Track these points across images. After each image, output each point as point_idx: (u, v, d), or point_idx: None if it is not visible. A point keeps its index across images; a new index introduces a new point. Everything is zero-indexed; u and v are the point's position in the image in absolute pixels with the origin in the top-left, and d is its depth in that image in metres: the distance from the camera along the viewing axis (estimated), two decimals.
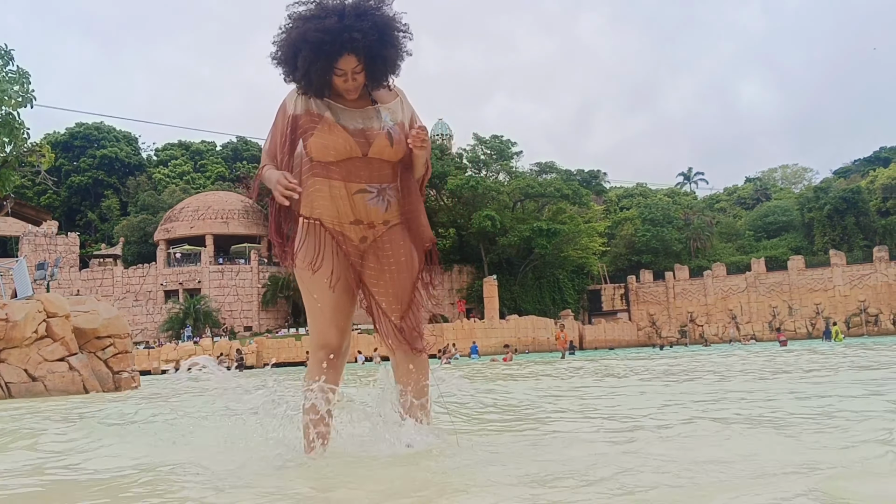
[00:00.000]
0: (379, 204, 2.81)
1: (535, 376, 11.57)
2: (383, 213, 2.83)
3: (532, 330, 52.15)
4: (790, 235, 69.97)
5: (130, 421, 5.58)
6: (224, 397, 3.12)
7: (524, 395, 6.97)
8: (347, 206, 2.78)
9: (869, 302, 57.06)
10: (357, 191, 2.77)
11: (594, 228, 61.48)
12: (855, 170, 79.67)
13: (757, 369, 10.31)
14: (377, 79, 2.84)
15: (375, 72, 2.80)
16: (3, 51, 14.29)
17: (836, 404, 4.78)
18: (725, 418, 4.14)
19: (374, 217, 2.82)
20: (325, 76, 2.74)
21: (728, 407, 4.87)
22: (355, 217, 2.80)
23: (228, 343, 45.71)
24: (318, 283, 2.84)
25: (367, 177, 2.78)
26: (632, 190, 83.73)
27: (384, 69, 2.82)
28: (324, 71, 2.72)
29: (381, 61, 2.78)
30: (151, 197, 67.64)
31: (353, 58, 2.71)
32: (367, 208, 2.80)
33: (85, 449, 3.82)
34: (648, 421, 4.23)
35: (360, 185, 2.77)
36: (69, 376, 12.60)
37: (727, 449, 2.99)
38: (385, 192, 2.82)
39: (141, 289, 56.53)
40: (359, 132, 2.77)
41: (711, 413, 4.49)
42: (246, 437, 3.11)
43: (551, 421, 4.43)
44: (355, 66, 2.73)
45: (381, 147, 2.77)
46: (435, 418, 3.22)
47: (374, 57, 2.74)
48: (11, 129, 14.16)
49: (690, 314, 63.06)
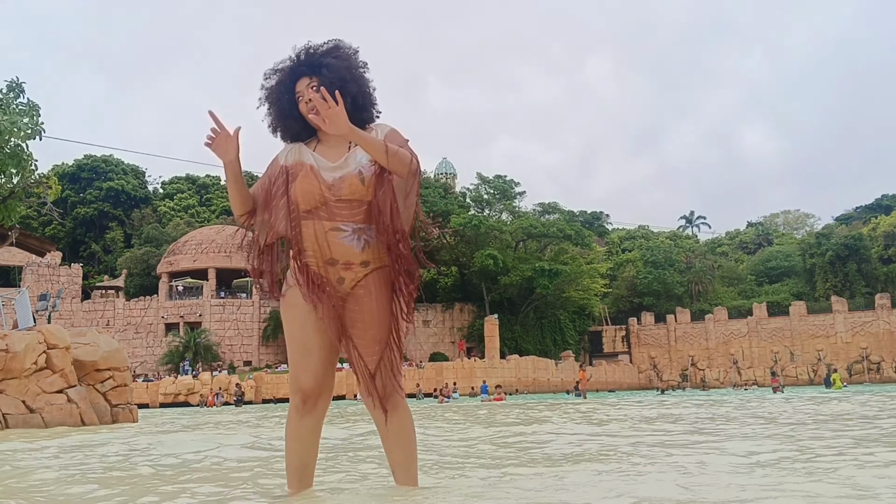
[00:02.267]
0: (353, 242, 2.76)
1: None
2: (359, 252, 2.77)
3: (532, 370, 51.95)
4: (792, 281, 69.96)
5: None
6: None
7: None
8: (324, 244, 2.76)
9: (871, 349, 56.82)
10: (330, 229, 2.75)
11: (596, 270, 61.59)
12: (857, 217, 79.91)
13: (721, 416, 10.33)
14: (343, 90, 2.80)
15: (330, 82, 2.81)
16: (15, 83, 14.55)
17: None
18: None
19: (349, 257, 2.76)
20: (291, 107, 2.87)
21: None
22: (330, 256, 2.76)
23: (227, 377, 45.56)
24: (292, 323, 2.84)
25: (341, 216, 2.76)
26: (634, 232, 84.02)
27: (337, 78, 2.84)
28: (289, 103, 2.86)
29: (332, 68, 2.84)
30: (156, 230, 67.95)
31: (305, 78, 2.84)
32: (342, 247, 2.76)
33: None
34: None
35: (334, 223, 2.75)
36: (67, 409, 12.63)
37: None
38: (362, 232, 2.77)
39: (142, 321, 56.53)
40: (330, 180, 2.79)
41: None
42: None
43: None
44: (309, 82, 2.82)
45: (353, 188, 2.75)
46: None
47: (320, 67, 2.85)
48: (19, 161, 14.35)
49: (692, 358, 62.80)
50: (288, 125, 2.92)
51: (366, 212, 2.79)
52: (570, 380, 54.91)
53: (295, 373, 2.82)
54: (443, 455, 5.15)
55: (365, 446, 6.03)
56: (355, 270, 2.78)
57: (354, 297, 2.80)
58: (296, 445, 2.85)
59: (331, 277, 2.78)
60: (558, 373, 54.83)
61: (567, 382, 53.88)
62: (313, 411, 2.83)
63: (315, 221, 2.75)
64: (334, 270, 2.77)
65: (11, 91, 14.20)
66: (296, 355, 2.82)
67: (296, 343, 2.82)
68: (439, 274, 64.83)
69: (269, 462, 4.85)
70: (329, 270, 2.78)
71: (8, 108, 13.62)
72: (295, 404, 2.83)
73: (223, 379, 44.82)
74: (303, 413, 2.82)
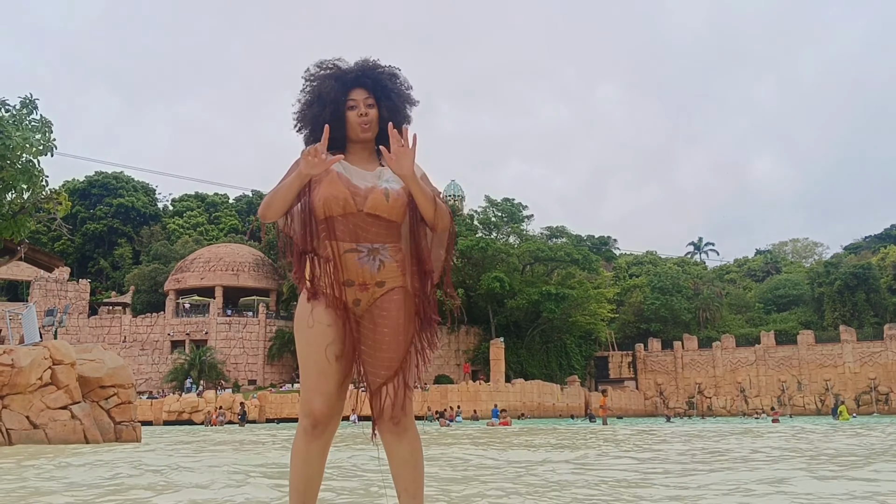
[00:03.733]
0: (369, 263, 2.72)
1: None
2: (375, 273, 2.72)
3: (538, 395, 51.66)
4: (800, 309, 69.58)
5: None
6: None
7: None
8: (339, 265, 2.72)
9: (879, 380, 56.32)
10: (346, 250, 2.71)
11: (603, 295, 61.37)
12: (866, 246, 79.64)
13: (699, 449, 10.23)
14: (391, 121, 2.82)
15: (388, 110, 2.85)
16: (28, 100, 14.68)
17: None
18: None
19: (365, 277, 2.72)
20: (338, 110, 2.82)
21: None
22: (346, 277, 2.72)
23: (232, 396, 45.44)
24: (308, 345, 2.76)
25: (359, 236, 2.72)
26: (641, 257, 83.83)
27: (395, 109, 2.87)
28: (336, 104, 2.81)
29: (393, 97, 2.86)
30: (164, 247, 68.18)
31: (363, 90, 2.83)
32: (357, 268, 2.71)
33: None
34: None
35: (350, 244, 2.71)
36: (70, 425, 12.61)
37: None
38: (378, 252, 2.73)
39: (148, 338, 56.53)
40: (356, 187, 2.75)
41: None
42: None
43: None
44: (366, 98, 2.82)
45: (377, 201, 2.72)
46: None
47: (384, 90, 2.85)
48: (30, 176, 14.44)
49: (698, 385, 62.36)
50: (327, 124, 2.81)
51: (385, 232, 2.75)
52: (575, 405, 54.60)
53: (307, 396, 2.74)
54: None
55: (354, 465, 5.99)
56: (371, 291, 2.74)
57: (370, 316, 2.75)
58: (302, 468, 2.78)
59: (347, 298, 2.74)
60: (564, 398, 54.50)
61: (572, 407, 53.56)
62: (322, 436, 2.77)
63: (331, 242, 2.72)
64: (350, 291, 2.73)
65: (25, 107, 14.32)
66: (310, 378, 2.74)
67: (311, 365, 2.75)
68: (446, 296, 64.70)
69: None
70: (345, 292, 2.73)
71: (21, 125, 13.72)
72: (304, 427, 2.75)
73: (227, 397, 44.68)
74: (312, 437, 2.75)
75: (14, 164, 13.81)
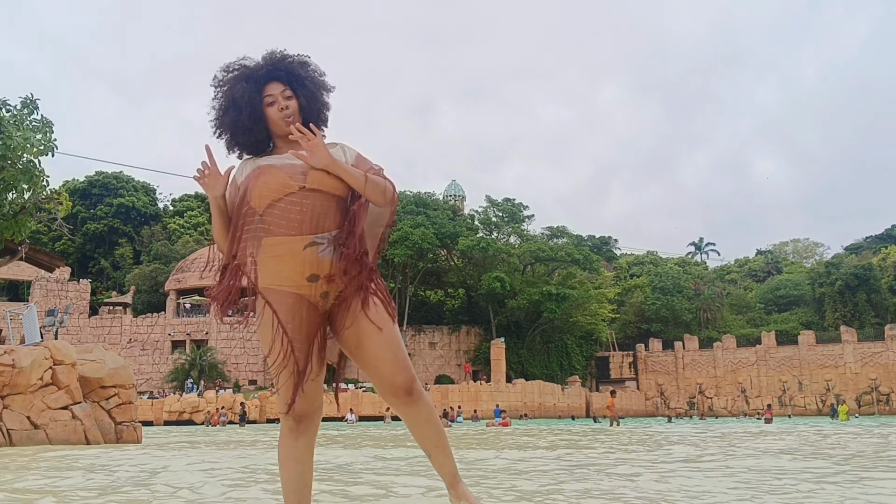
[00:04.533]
0: (331, 255, 2.62)
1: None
2: (338, 262, 2.63)
3: (538, 395, 51.68)
4: (801, 310, 69.57)
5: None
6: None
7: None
8: (300, 262, 2.59)
9: (880, 380, 56.30)
10: (307, 245, 2.58)
11: (604, 295, 61.38)
12: (866, 247, 79.62)
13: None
14: (311, 108, 2.82)
15: (307, 98, 2.81)
16: (29, 100, 14.67)
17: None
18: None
19: (330, 269, 2.62)
20: (256, 110, 2.75)
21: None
22: (310, 272, 2.61)
23: (232, 396, 45.43)
24: (274, 342, 2.67)
25: (311, 225, 2.59)
26: (642, 258, 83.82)
27: (313, 96, 2.83)
28: (252, 105, 2.75)
29: (307, 84, 2.81)
30: (165, 247, 68.17)
31: (278, 83, 2.78)
32: (320, 261, 2.60)
33: None
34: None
35: (308, 237, 2.58)
36: (71, 425, 12.59)
37: None
38: (336, 240, 2.64)
39: (148, 338, 56.55)
40: (290, 166, 2.66)
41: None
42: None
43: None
44: (283, 90, 2.78)
45: (317, 176, 2.62)
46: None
47: (298, 79, 2.80)
48: (31, 177, 14.43)
49: (699, 385, 62.35)
50: (248, 127, 2.78)
51: (338, 213, 2.66)
52: (576, 405, 54.60)
53: (282, 393, 2.69)
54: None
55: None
56: (337, 281, 2.65)
57: (343, 311, 2.70)
58: (292, 466, 2.75)
59: (312, 294, 2.65)
60: (564, 398, 54.52)
61: (573, 408, 53.56)
62: (307, 431, 2.75)
63: (286, 238, 2.59)
64: (317, 287, 2.64)
65: (26, 107, 14.31)
66: (283, 376, 2.67)
67: (281, 364, 2.65)
68: (447, 296, 64.72)
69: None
70: (311, 288, 2.64)
71: (22, 125, 13.71)
72: (289, 426, 2.73)
73: (228, 398, 44.67)
74: (297, 434, 2.73)
75: (15, 164, 13.80)
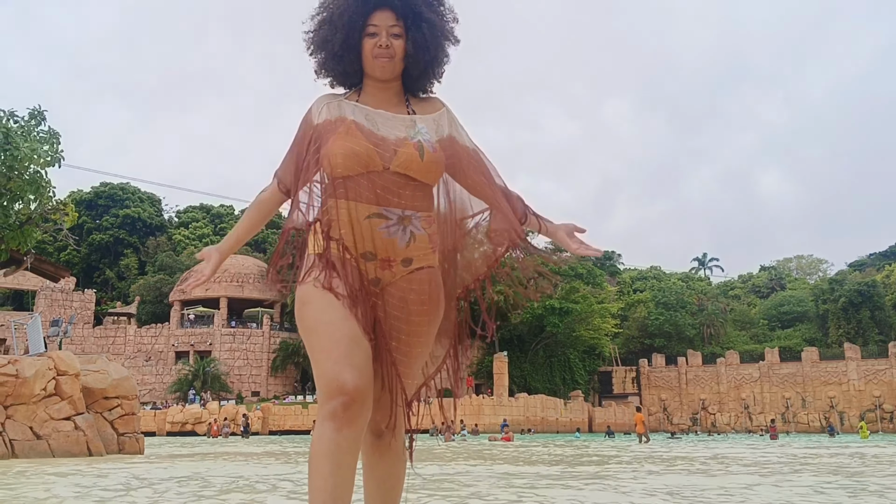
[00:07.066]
0: (396, 235, 2.14)
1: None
2: (402, 248, 2.14)
3: (541, 409, 51.56)
4: (804, 326, 69.44)
5: None
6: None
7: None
8: (360, 233, 2.14)
9: (884, 398, 56.09)
10: (369, 214, 2.13)
11: (607, 309, 61.33)
12: (870, 263, 79.53)
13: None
14: (417, 59, 2.28)
15: (416, 44, 2.26)
16: (37, 111, 14.84)
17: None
18: None
19: (389, 252, 2.14)
20: (351, 37, 2.24)
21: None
22: (365, 249, 2.14)
23: (235, 408, 45.48)
24: (326, 311, 2.10)
25: (384, 198, 2.14)
26: (646, 272, 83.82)
27: (426, 45, 2.27)
28: (350, 29, 2.23)
29: (425, 28, 2.26)
30: (170, 258, 68.42)
31: (390, 13, 2.23)
32: (381, 239, 2.13)
33: None
34: None
35: (374, 207, 2.13)
36: (74, 436, 12.67)
37: None
38: (408, 222, 2.16)
39: (152, 348, 56.67)
40: (381, 139, 2.18)
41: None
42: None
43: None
44: (392, 25, 2.23)
45: (407, 159, 2.16)
46: None
47: (416, 18, 2.25)
48: (38, 188, 14.57)
49: (703, 401, 62.18)
50: (337, 54, 2.28)
51: (420, 194, 2.20)
52: (578, 419, 54.43)
53: (334, 370, 2.01)
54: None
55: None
56: (395, 270, 2.16)
57: (399, 296, 2.18)
58: (328, 468, 1.97)
59: (367, 273, 2.17)
60: (567, 412, 54.40)
61: (576, 422, 53.40)
62: (356, 420, 2.01)
63: (351, 202, 2.13)
64: (370, 267, 2.15)
65: (33, 118, 14.48)
66: (332, 347, 2.05)
67: (330, 331, 2.07)
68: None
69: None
70: (365, 267, 2.15)
71: (29, 136, 13.88)
72: (332, 410, 1.99)
73: (230, 409, 44.73)
74: (343, 422, 1.98)
75: (22, 174, 13.95)
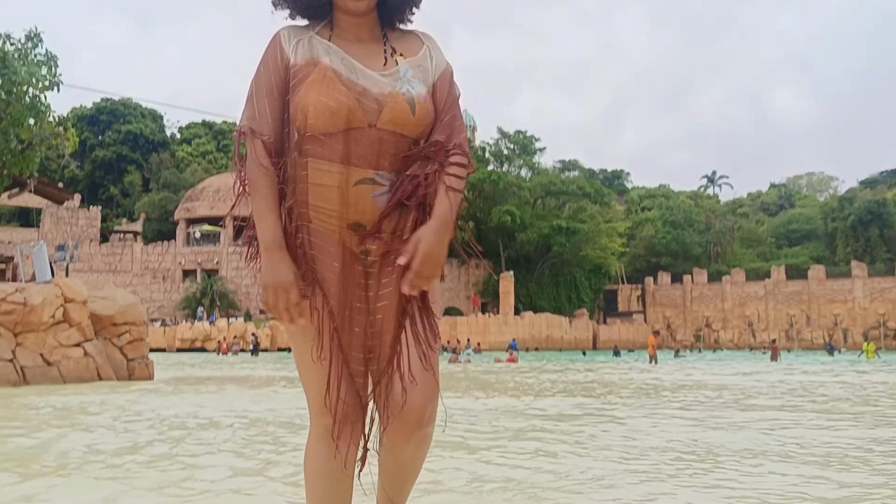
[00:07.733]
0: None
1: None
2: (396, 217, 1.88)
3: (546, 328, 52.07)
4: (812, 244, 69.37)
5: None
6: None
7: None
8: (347, 202, 1.85)
9: (889, 316, 56.45)
10: (359, 180, 1.84)
11: (614, 229, 61.21)
12: (882, 181, 78.79)
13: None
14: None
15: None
16: (33, 34, 14.35)
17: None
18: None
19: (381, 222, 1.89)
20: None
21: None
22: (353, 219, 1.87)
23: (244, 325, 45.92)
24: (305, 332, 1.92)
25: (375, 161, 1.86)
26: (654, 191, 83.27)
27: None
28: None
29: None
30: (174, 175, 68.06)
31: None
32: (373, 208, 1.86)
33: None
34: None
35: (366, 171, 1.85)
36: (84, 362, 12.69)
37: None
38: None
39: (160, 266, 56.90)
40: (363, 91, 1.86)
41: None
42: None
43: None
44: None
45: (398, 115, 1.87)
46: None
47: None
48: (37, 112, 14.24)
49: (707, 319, 62.66)
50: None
51: (407, 150, 1.92)
52: (583, 338, 55.04)
53: (321, 388, 1.89)
54: None
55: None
56: (386, 241, 1.89)
57: (383, 276, 1.93)
58: (327, 486, 1.93)
59: (355, 245, 1.91)
60: (572, 331, 54.95)
61: (580, 340, 54.01)
62: (348, 437, 1.93)
63: (337, 165, 1.84)
64: (357, 241, 1.90)
65: (30, 41, 13.99)
66: (318, 366, 1.89)
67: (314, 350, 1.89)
68: (456, 228, 64.56)
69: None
70: (352, 239, 1.89)
71: (26, 59, 13.43)
72: (325, 428, 1.91)
73: (239, 326, 45.17)
74: (336, 439, 1.91)
75: (21, 99, 13.57)
